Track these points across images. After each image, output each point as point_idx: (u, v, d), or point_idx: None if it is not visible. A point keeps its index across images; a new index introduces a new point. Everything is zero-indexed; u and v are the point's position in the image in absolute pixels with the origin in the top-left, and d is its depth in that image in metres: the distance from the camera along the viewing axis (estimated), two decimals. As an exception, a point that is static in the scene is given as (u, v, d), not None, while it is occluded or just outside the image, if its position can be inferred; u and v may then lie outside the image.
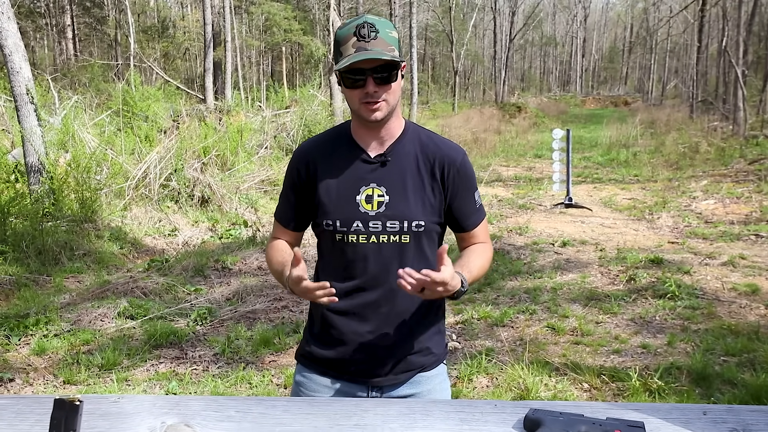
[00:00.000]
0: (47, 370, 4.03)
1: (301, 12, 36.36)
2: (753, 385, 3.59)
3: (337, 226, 1.64)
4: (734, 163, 12.45)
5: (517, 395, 3.63)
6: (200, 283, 5.91)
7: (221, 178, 9.32)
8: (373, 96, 1.57)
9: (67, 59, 30.32)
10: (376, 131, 1.66)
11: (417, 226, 1.64)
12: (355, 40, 1.54)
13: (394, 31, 1.59)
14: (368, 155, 1.67)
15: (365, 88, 1.56)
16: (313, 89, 15.04)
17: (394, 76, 1.57)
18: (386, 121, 1.64)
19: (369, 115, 1.59)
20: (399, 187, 1.65)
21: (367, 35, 1.53)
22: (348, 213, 1.64)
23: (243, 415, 1.32)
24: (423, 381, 1.74)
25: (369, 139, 1.67)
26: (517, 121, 24.87)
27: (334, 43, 1.62)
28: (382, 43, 1.55)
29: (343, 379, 1.72)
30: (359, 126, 1.68)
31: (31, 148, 6.99)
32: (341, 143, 1.70)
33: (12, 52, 6.80)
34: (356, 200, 1.64)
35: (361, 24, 1.54)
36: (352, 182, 1.65)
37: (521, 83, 57.61)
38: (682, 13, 31.95)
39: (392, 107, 1.61)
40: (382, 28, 1.56)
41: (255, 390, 3.79)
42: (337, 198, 1.65)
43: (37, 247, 6.26)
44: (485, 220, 1.80)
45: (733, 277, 5.74)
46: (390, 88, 1.58)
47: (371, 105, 1.58)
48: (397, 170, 1.66)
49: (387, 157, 1.66)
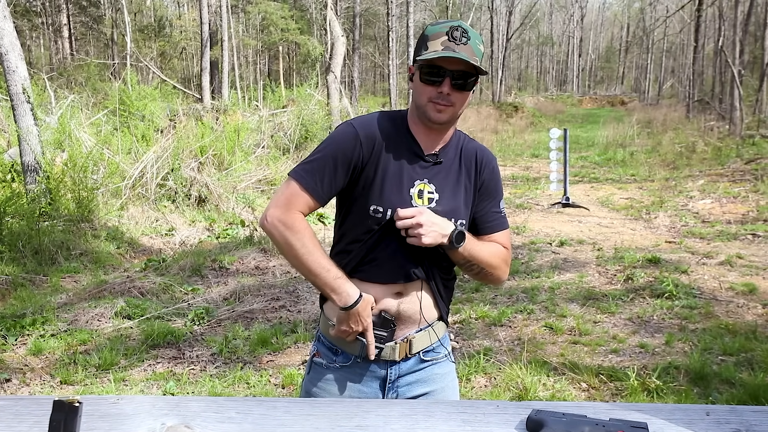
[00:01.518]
0: (44, 371, 4.01)
1: (298, 11, 36.32)
2: (751, 384, 3.59)
3: (387, 214, 1.62)
4: (731, 162, 12.47)
5: (515, 395, 3.62)
6: (197, 282, 5.89)
7: (218, 178, 9.30)
8: (445, 98, 1.57)
9: (63, 58, 30.24)
10: (433, 132, 1.67)
11: (461, 225, 1.67)
12: (446, 39, 1.54)
13: (483, 46, 1.61)
14: (423, 153, 1.67)
15: (440, 87, 1.56)
16: (311, 89, 15.00)
17: (471, 85, 1.59)
18: (447, 127, 1.66)
19: (434, 115, 1.60)
20: (446, 186, 1.68)
21: (459, 38, 1.54)
22: (400, 204, 1.62)
23: (244, 416, 1.31)
24: (436, 379, 1.75)
25: (424, 137, 1.68)
26: (514, 121, 24.90)
27: (420, 37, 1.61)
28: (470, 51, 1.56)
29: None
30: (417, 122, 1.67)
31: (27, 147, 6.96)
32: (402, 133, 1.68)
33: (8, 51, 6.77)
34: (410, 193, 1.64)
35: (456, 26, 1.56)
36: (408, 175, 1.65)
37: (518, 83, 57.66)
38: (679, 12, 32.01)
39: (457, 115, 1.63)
40: (473, 37, 1.57)
41: (253, 390, 3.77)
42: (391, 187, 1.63)
43: (34, 246, 6.23)
44: (508, 230, 1.80)
45: (730, 276, 5.75)
46: (463, 96, 1.60)
47: (440, 106, 1.58)
48: (445, 170, 1.69)
49: (440, 158, 1.68)
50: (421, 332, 1.71)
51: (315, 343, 1.79)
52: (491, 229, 1.75)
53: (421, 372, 1.73)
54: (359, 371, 1.70)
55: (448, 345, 1.83)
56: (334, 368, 1.71)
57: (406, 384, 1.72)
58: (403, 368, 1.71)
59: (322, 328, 1.77)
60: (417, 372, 1.73)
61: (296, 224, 1.60)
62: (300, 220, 1.61)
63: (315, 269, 1.59)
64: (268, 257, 6.59)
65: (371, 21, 40.80)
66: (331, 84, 14.45)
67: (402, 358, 1.70)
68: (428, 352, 1.74)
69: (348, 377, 1.70)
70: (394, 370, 1.70)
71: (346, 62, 27.81)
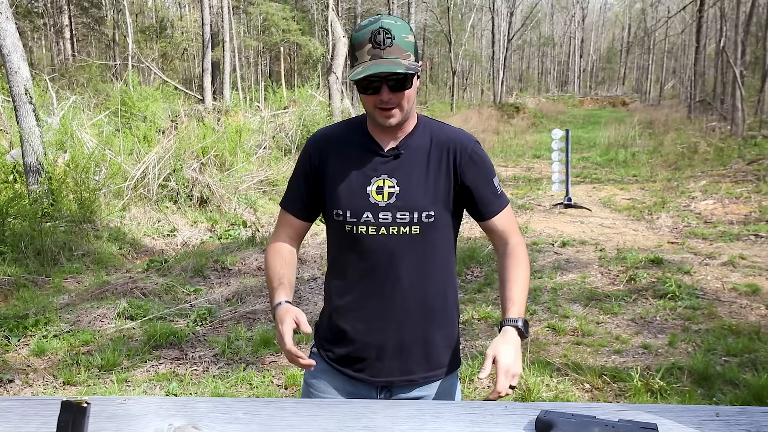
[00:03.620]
0: (47, 371, 4.01)
1: (300, 12, 36.35)
2: (755, 385, 3.58)
3: (347, 216, 1.64)
4: (733, 163, 12.46)
5: (518, 396, 3.62)
6: (200, 283, 5.89)
7: (220, 179, 9.30)
8: (387, 103, 1.56)
9: (65, 59, 30.28)
10: (391, 130, 1.67)
11: (427, 217, 1.63)
12: (371, 47, 1.52)
13: (411, 35, 1.57)
14: (382, 149, 1.67)
15: (380, 95, 1.56)
16: (312, 89, 15.01)
17: (409, 83, 1.57)
18: (402, 125, 1.65)
19: (384, 122, 1.60)
20: (410, 179, 1.64)
21: (383, 42, 1.51)
22: (358, 203, 1.63)
23: (251, 417, 1.30)
24: (433, 385, 1.74)
25: (383, 135, 1.68)
26: (515, 122, 24.88)
27: (349, 46, 1.61)
28: (398, 49, 1.53)
29: (353, 379, 1.71)
30: (374, 124, 1.67)
31: (29, 148, 6.96)
32: (356, 135, 1.70)
33: (10, 52, 6.78)
34: (367, 191, 1.64)
35: (377, 30, 1.52)
36: (364, 173, 1.65)
37: (519, 84, 57.68)
38: (680, 13, 32.00)
39: (407, 111, 1.62)
40: (398, 33, 1.53)
41: (256, 391, 3.77)
42: (348, 188, 1.65)
43: (36, 247, 6.23)
44: (509, 207, 1.75)
45: (733, 277, 5.74)
46: (404, 95, 1.58)
47: (386, 111, 1.58)
48: (408, 163, 1.66)
49: (400, 150, 1.66)
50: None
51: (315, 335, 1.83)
52: (492, 213, 1.72)
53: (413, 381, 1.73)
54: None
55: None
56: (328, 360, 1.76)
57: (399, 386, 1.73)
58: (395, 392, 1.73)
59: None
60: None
61: (272, 246, 1.78)
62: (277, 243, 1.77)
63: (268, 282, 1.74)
64: (271, 258, 6.58)
65: (372, 22, 40.73)
66: (333, 85, 14.44)
67: None
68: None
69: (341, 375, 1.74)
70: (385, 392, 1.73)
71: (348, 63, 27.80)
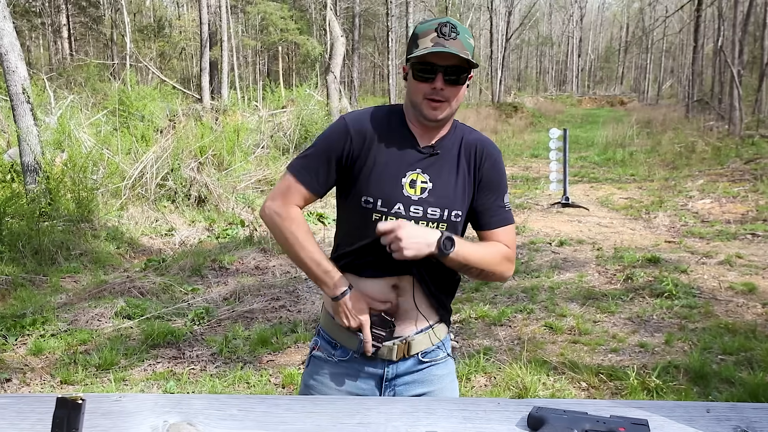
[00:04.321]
0: (44, 370, 4.01)
1: (298, 11, 36.34)
2: (751, 383, 3.60)
3: (378, 205, 1.62)
4: (730, 162, 12.47)
5: (515, 394, 3.63)
6: (197, 282, 5.89)
7: (218, 178, 9.30)
8: (439, 93, 1.57)
9: (62, 59, 30.25)
10: (431, 128, 1.67)
11: (456, 216, 1.65)
12: (435, 36, 1.55)
13: (473, 40, 1.61)
14: (419, 145, 1.67)
15: (434, 83, 1.57)
16: (310, 89, 15.00)
17: (464, 79, 1.59)
18: (444, 123, 1.66)
19: (430, 113, 1.60)
20: (442, 177, 1.66)
21: (448, 34, 1.55)
22: (391, 194, 1.63)
23: (246, 413, 1.31)
24: (435, 380, 1.74)
25: (422, 131, 1.68)
26: (513, 121, 24.89)
27: (411, 36, 1.62)
28: (460, 45, 1.56)
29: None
30: (413, 120, 1.68)
31: (27, 147, 6.96)
32: (396, 126, 1.69)
33: (8, 52, 6.77)
34: (401, 182, 1.63)
35: (444, 23, 1.56)
36: (400, 166, 1.65)
37: (518, 83, 57.66)
38: (678, 12, 32.03)
39: (453, 110, 1.63)
40: (462, 32, 1.58)
41: (253, 390, 3.78)
42: (382, 177, 1.64)
43: (34, 247, 6.23)
44: (512, 225, 1.74)
45: (729, 276, 5.75)
46: (456, 91, 1.60)
47: (435, 103, 1.59)
48: (442, 162, 1.67)
49: (436, 150, 1.67)
50: (420, 334, 1.70)
51: (315, 336, 1.81)
52: (495, 224, 1.71)
53: (419, 373, 1.73)
54: (357, 367, 1.71)
55: (449, 346, 1.82)
56: (333, 362, 1.73)
57: (404, 384, 1.72)
58: (401, 368, 1.71)
59: (322, 322, 1.80)
60: (415, 373, 1.73)
61: (291, 215, 1.67)
62: (295, 212, 1.68)
63: (307, 261, 1.66)
64: (268, 257, 6.59)
65: (371, 21, 40.82)
66: (331, 84, 14.46)
67: (400, 358, 1.70)
68: (427, 353, 1.73)
69: (345, 372, 1.71)
70: (392, 369, 1.70)
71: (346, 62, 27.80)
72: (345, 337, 1.70)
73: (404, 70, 1.66)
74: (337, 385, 1.71)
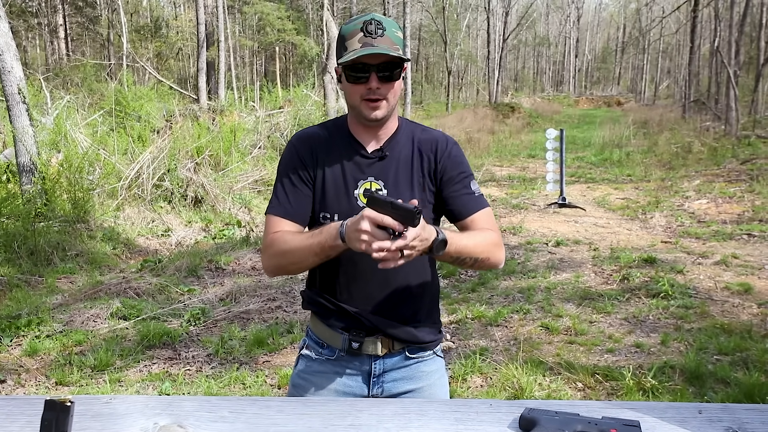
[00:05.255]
0: (39, 371, 4.00)
1: (295, 12, 36.32)
2: (746, 383, 3.60)
3: (335, 219, 1.63)
4: (726, 162, 12.50)
5: (511, 395, 3.63)
6: (193, 283, 5.88)
7: (214, 178, 9.29)
8: (375, 92, 1.57)
9: (59, 59, 30.20)
10: (374, 129, 1.67)
11: None
12: (362, 36, 1.54)
13: (400, 32, 1.61)
14: (366, 150, 1.67)
15: (368, 83, 1.56)
16: (307, 89, 15.00)
17: (398, 75, 1.58)
18: (385, 121, 1.65)
19: (369, 113, 1.59)
20: (397, 181, 1.65)
21: (374, 32, 1.54)
22: (346, 207, 1.63)
23: (236, 415, 1.31)
24: (422, 377, 1.74)
25: (366, 135, 1.68)
26: (510, 121, 24.91)
27: (338, 38, 1.61)
28: (389, 41, 1.55)
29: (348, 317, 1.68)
30: (357, 123, 1.68)
31: (22, 148, 6.95)
32: (339, 136, 1.70)
33: (3, 52, 6.76)
34: (354, 194, 1.64)
35: (369, 21, 1.55)
36: (350, 176, 1.65)
37: (514, 83, 57.72)
38: (675, 13, 32.10)
39: (392, 106, 1.62)
40: (389, 26, 1.57)
41: (249, 390, 3.77)
42: (335, 190, 1.65)
43: (29, 247, 6.22)
44: (488, 209, 1.70)
45: (725, 276, 5.76)
46: (392, 87, 1.59)
47: (372, 102, 1.58)
48: (394, 164, 1.66)
49: (384, 152, 1.66)
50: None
51: (304, 336, 1.83)
52: (467, 212, 1.67)
53: (406, 369, 1.73)
54: (344, 365, 1.72)
55: (438, 344, 1.81)
56: (321, 361, 1.74)
57: (392, 380, 1.72)
58: (387, 364, 1.71)
59: (310, 323, 1.81)
60: (403, 369, 1.73)
61: (267, 242, 1.64)
62: (271, 236, 1.64)
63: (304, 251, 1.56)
64: (265, 258, 6.57)
65: (368, 22, 40.72)
66: (328, 84, 14.43)
67: (385, 354, 1.70)
68: (414, 349, 1.73)
69: (333, 370, 1.72)
70: (379, 364, 1.71)
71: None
72: (330, 335, 1.71)
73: (337, 73, 1.64)
74: (325, 383, 1.72)
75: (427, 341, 1.74)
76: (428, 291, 1.77)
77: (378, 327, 1.68)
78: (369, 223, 1.34)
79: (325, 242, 1.49)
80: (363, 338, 1.67)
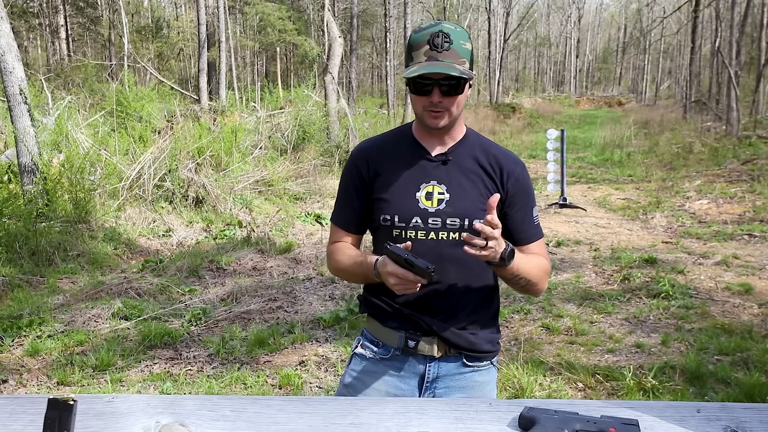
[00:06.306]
0: (41, 371, 4.01)
1: (296, 12, 36.33)
2: (746, 383, 3.61)
3: (396, 221, 1.65)
4: (727, 163, 12.50)
5: (512, 395, 3.63)
6: (195, 283, 5.89)
7: (216, 179, 9.29)
8: (437, 106, 1.59)
9: (60, 59, 30.23)
10: (439, 134, 1.69)
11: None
12: (428, 49, 1.55)
13: (469, 43, 1.60)
14: (430, 154, 1.69)
15: (430, 96, 1.58)
16: (308, 90, 14.99)
17: (461, 89, 1.59)
18: (448, 129, 1.67)
19: (431, 123, 1.62)
20: (459, 186, 1.66)
21: (440, 45, 1.54)
22: (407, 208, 1.65)
23: (238, 414, 1.31)
24: (475, 386, 1.74)
25: (431, 140, 1.70)
26: (511, 122, 24.92)
27: (407, 46, 1.62)
28: (454, 54, 1.55)
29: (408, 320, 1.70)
30: (422, 128, 1.70)
31: (24, 148, 6.96)
32: (403, 143, 1.72)
33: (5, 52, 6.77)
34: (416, 196, 1.65)
35: (436, 33, 1.55)
36: (413, 179, 1.67)
37: (515, 84, 57.72)
38: (676, 13, 32.09)
39: (455, 117, 1.64)
40: (456, 39, 1.56)
41: (250, 390, 3.78)
42: (396, 194, 1.67)
43: (31, 247, 6.23)
44: (543, 240, 1.75)
45: (726, 276, 5.76)
46: (455, 100, 1.60)
47: (434, 113, 1.60)
48: (457, 170, 1.68)
49: (448, 157, 1.68)
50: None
51: (358, 337, 1.84)
52: (527, 239, 1.71)
53: (461, 377, 1.73)
54: (398, 365, 1.72)
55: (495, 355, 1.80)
56: (374, 360, 1.75)
57: (445, 387, 1.72)
58: (443, 369, 1.71)
59: (366, 325, 1.83)
60: (458, 376, 1.72)
61: (330, 250, 1.81)
62: (334, 245, 1.80)
63: (351, 272, 1.74)
64: (266, 258, 6.59)
65: (369, 22, 40.81)
66: (329, 85, 14.44)
67: (440, 356, 1.70)
68: (472, 358, 1.73)
69: (386, 370, 1.73)
70: (433, 368, 1.71)
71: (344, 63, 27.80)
72: (387, 333, 1.72)
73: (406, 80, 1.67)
74: (377, 385, 1.73)
75: (485, 351, 1.74)
76: (488, 301, 1.78)
77: (435, 330, 1.69)
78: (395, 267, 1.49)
79: (367, 274, 1.65)
80: (419, 337, 1.69)
